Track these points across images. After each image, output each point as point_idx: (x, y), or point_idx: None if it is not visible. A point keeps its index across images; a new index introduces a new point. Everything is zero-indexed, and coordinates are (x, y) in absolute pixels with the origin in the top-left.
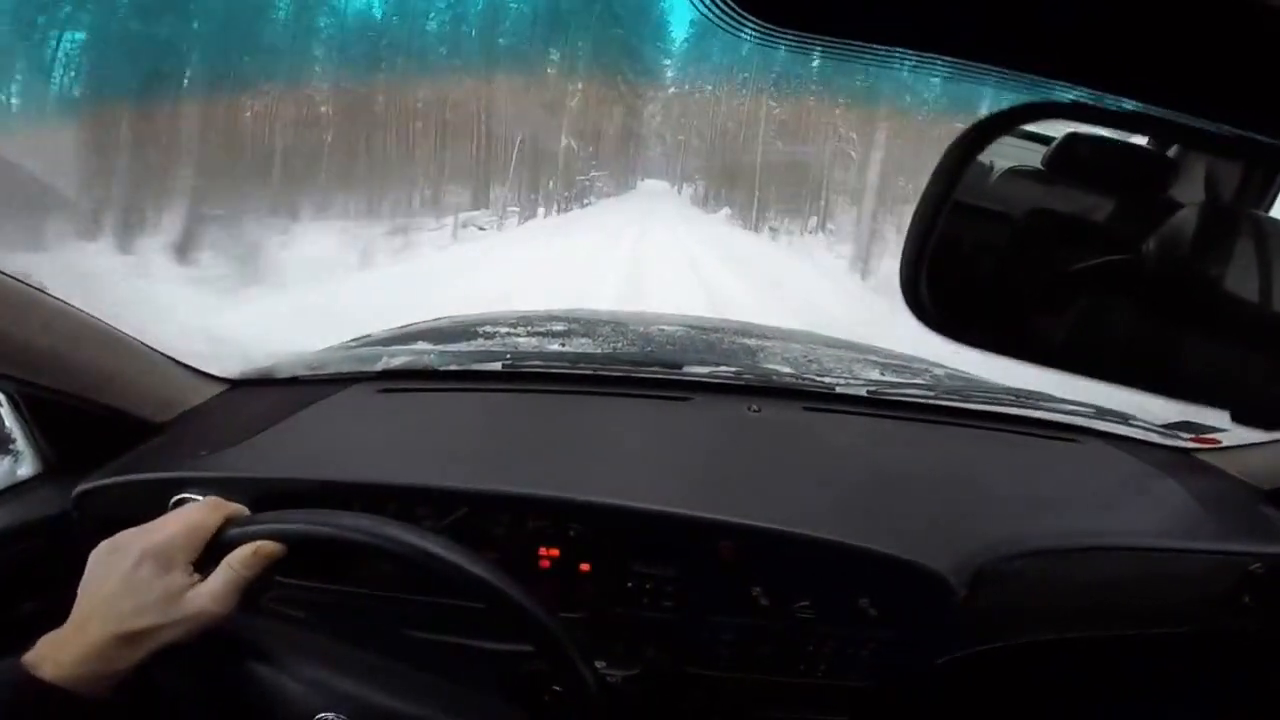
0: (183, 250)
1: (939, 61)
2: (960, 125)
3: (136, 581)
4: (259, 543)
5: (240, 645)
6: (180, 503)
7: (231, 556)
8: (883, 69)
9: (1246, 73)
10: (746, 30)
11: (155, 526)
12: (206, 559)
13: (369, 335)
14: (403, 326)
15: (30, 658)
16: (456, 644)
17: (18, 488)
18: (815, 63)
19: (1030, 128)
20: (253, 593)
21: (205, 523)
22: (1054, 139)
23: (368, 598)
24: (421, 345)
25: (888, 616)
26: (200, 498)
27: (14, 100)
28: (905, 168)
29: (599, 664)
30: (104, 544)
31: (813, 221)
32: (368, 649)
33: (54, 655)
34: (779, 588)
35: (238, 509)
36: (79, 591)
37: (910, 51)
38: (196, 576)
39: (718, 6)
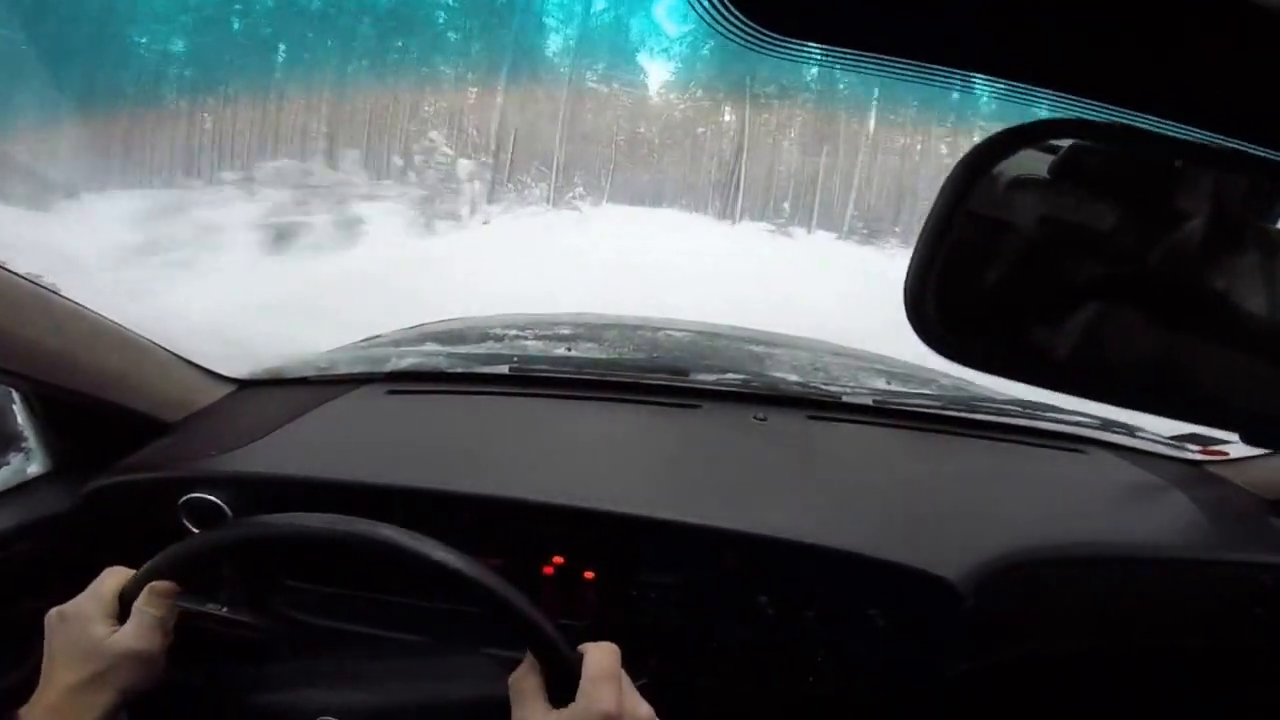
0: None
1: (942, 73)
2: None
3: (65, 638)
4: (150, 584)
5: (244, 648)
6: (189, 502)
7: (136, 603)
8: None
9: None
10: (753, 41)
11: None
12: (125, 613)
13: (378, 336)
14: (412, 328)
15: (20, 712)
16: (458, 647)
17: (28, 485)
18: None
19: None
20: (262, 595)
21: (106, 582)
22: (1060, 147)
23: (371, 602)
24: (430, 347)
25: (896, 626)
26: (210, 497)
27: None
28: None
29: None
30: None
31: None
32: (368, 654)
33: (33, 710)
34: (786, 597)
35: (129, 572)
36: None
37: (913, 63)
38: (115, 625)
39: (722, 13)
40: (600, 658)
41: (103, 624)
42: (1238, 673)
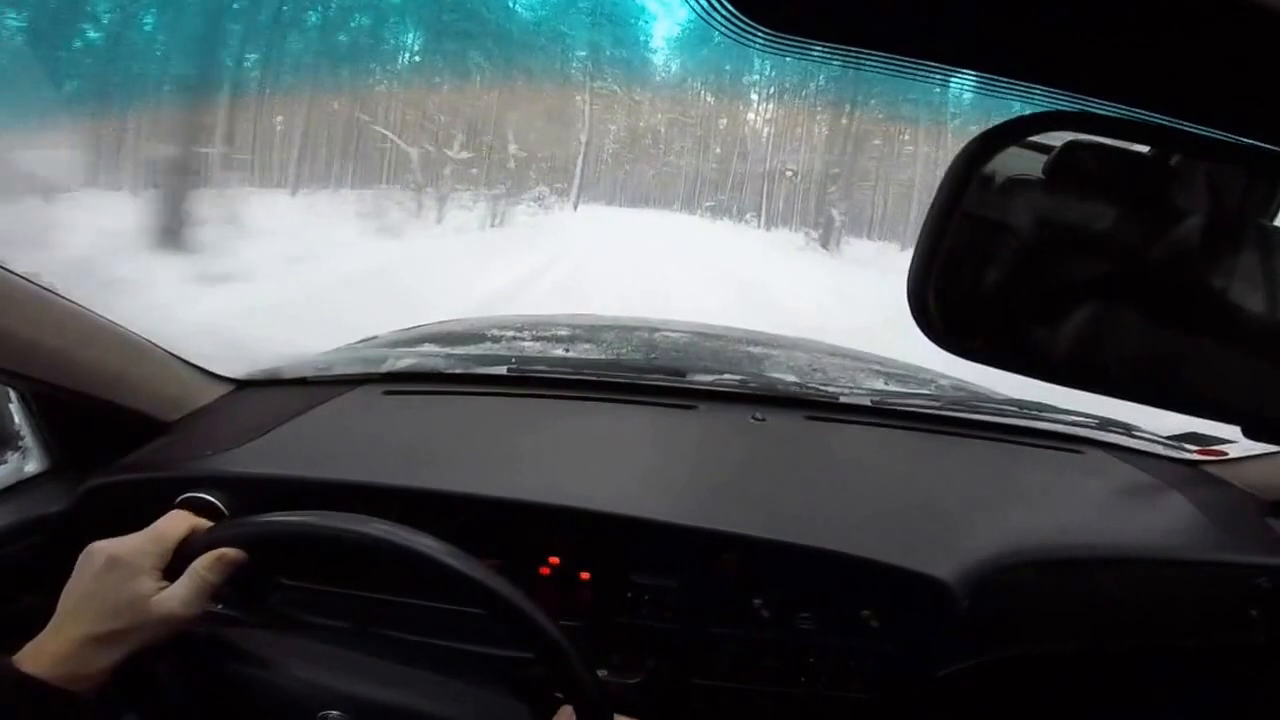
0: None
1: (939, 70)
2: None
3: (105, 586)
4: (221, 549)
5: (241, 645)
6: (186, 502)
7: (196, 563)
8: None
9: (1249, 79)
10: (754, 39)
11: (127, 536)
12: (175, 567)
13: (376, 337)
14: (410, 328)
15: (14, 657)
16: (460, 649)
17: (25, 483)
18: None
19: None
20: (256, 594)
21: (170, 532)
22: (1054, 147)
23: (370, 601)
24: (428, 348)
25: (890, 627)
26: (208, 497)
27: None
28: None
29: (600, 673)
30: (85, 551)
31: None
32: (369, 651)
33: (33, 655)
34: (781, 599)
35: (201, 522)
36: (61, 595)
37: (910, 60)
38: (164, 582)
39: (722, 13)
40: None
41: (152, 578)
42: (1233, 674)
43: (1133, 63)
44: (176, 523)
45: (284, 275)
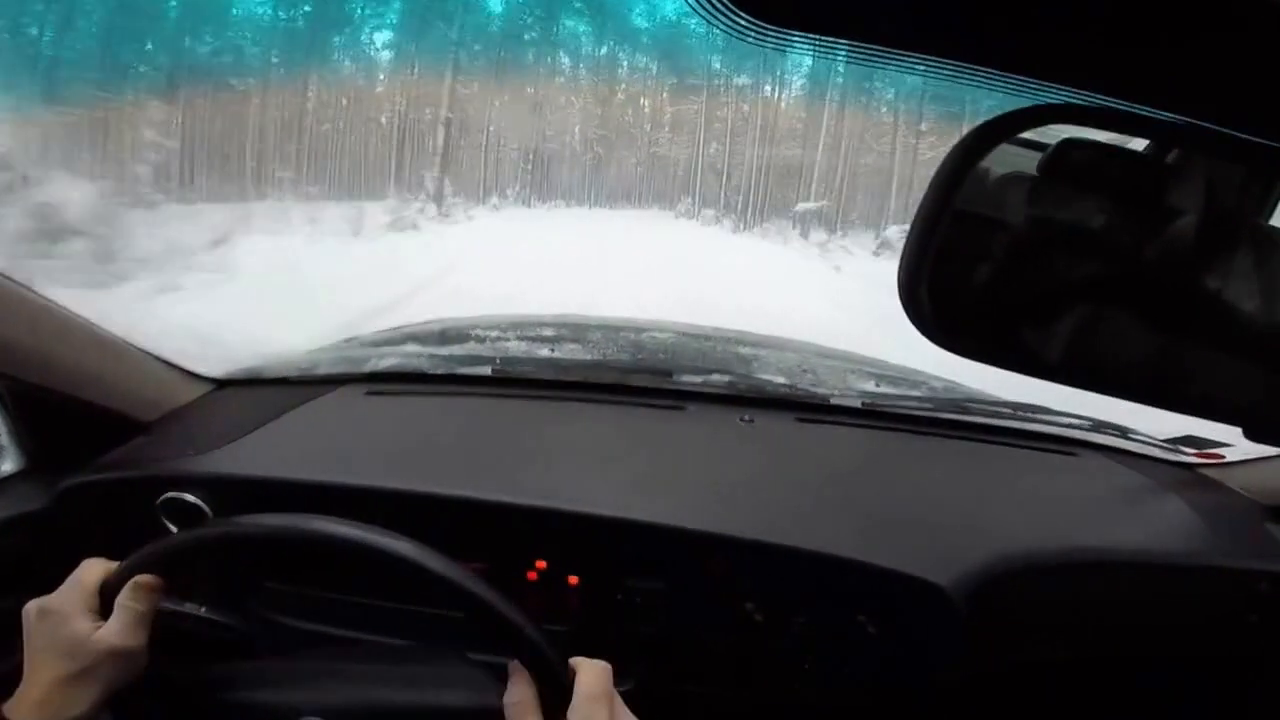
0: None
1: (933, 64)
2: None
3: (45, 634)
4: (135, 578)
5: (222, 648)
6: (168, 501)
7: (120, 597)
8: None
9: (1247, 74)
10: (745, 31)
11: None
12: (106, 607)
13: (358, 336)
14: (393, 328)
15: (3, 707)
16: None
17: (1, 483)
18: None
19: (1026, 134)
20: (239, 597)
21: (87, 577)
22: (1049, 145)
23: (352, 604)
24: (411, 348)
25: (885, 633)
26: (190, 497)
27: None
28: None
29: None
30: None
31: None
32: (349, 653)
33: (17, 704)
34: (773, 603)
35: (111, 564)
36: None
37: (904, 53)
38: (99, 621)
39: (714, 7)
40: (592, 678)
41: (84, 619)
42: (1231, 680)
43: (1130, 57)
44: (91, 568)
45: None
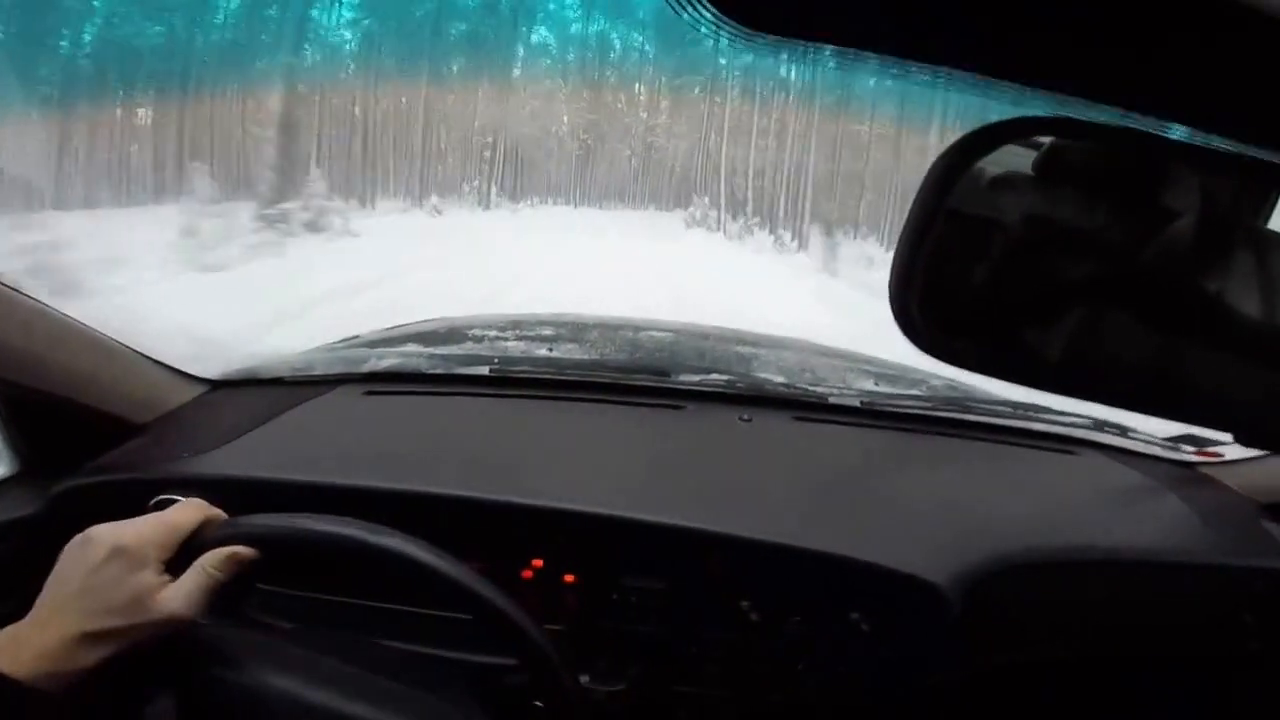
0: None
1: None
2: None
3: (105, 579)
4: (234, 547)
5: (214, 653)
6: (160, 504)
7: (205, 558)
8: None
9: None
10: (723, 34)
11: (131, 522)
12: (180, 560)
13: (356, 336)
14: (391, 328)
15: None
16: (438, 656)
17: None
18: None
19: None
20: (231, 599)
21: (181, 523)
22: (1043, 143)
23: (349, 606)
24: (409, 348)
25: (882, 632)
26: (182, 499)
27: None
28: None
29: (583, 679)
30: (77, 538)
31: None
32: (347, 658)
33: (11, 651)
34: (770, 602)
35: (217, 513)
36: (46, 585)
37: (893, 59)
38: (168, 577)
39: (695, 9)
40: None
41: (157, 570)
42: (1229, 681)
43: (1125, 66)
44: (190, 513)
45: None
